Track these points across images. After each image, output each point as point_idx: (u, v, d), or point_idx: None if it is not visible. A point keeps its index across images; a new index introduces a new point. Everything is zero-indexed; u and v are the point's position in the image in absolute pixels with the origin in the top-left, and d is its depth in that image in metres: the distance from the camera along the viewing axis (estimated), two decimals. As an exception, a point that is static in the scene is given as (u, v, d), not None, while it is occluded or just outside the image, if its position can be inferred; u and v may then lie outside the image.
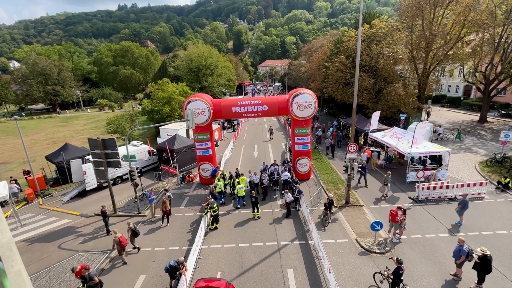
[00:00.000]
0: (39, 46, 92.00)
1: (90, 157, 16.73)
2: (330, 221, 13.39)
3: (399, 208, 11.64)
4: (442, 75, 40.24)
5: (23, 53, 78.38)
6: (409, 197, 15.38)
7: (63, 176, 20.53)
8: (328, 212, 13.21)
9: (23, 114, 58.88)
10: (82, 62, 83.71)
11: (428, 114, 33.35)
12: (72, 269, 9.39)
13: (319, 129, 29.22)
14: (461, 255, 9.05)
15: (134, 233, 11.91)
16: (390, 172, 15.73)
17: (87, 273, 8.96)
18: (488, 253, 8.59)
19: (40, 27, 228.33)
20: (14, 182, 19.29)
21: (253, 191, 14.54)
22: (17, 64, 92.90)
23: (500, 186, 15.85)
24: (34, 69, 59.48)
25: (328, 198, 13.43)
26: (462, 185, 14.92)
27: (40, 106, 68.55)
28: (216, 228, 13.47)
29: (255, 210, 14.25)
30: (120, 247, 11.12)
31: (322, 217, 13.58)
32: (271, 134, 31.83)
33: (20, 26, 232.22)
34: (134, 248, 12.07)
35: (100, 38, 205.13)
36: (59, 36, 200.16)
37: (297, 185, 15.14)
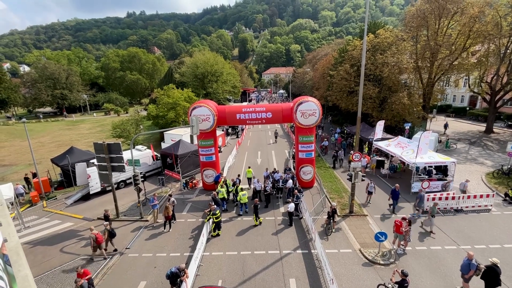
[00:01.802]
0: (49, 51, 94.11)
1: (95, 160, 16.89)
2: (333, 230, 13.23)
3: (403, 218, 11.47)
4: (447, 85, 40.12)
5: (34, 58, 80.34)
6: (414, 207, 15.15)
7: (68, 179, 20.70)
8: (331, 221, 13.07)
9: (41, 116, 60.11)
10: (90, 67, 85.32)
11: (445, 126, 31.81)
12: (77, 269, 9.46)
13: (325, 139, 28.23)
14: (470, 269, 8.85)
15: (111, 234, 12.32)
16: (437, 202, 13.32)
17: (80, 283, 8.95)
18: (498, 263, 8.41)
19: (50, 33, 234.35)
20: (25, 181, 19.89)
21: (256, 199, 14.50)
22: (27, 68, 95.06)
23: (507, 198, 15.57)
24: (43, 73, 60.79)
25: (331, 207, 13.31)
26: (469, 197, 14.70)
27: (47, 109, 69.72)
28: (218, 235, 13.39)
29: (257, 218, 14.22)
30: (96, 243, 11.56)
31: (325, 226, 13.44)
32: (276, 137, 33.78)
33: (31, 31, 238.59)
34: (105, 249, 12.36)
35: (109, 44, 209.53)
36: (69, 42, 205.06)
37: (295, 190, 15.26)
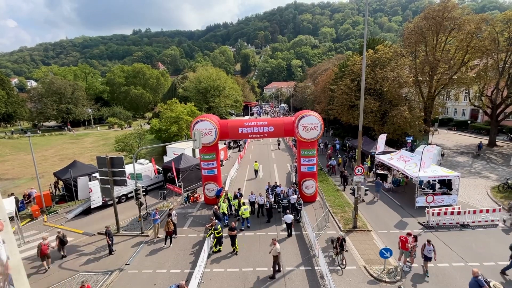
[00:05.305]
0: (56, 67, 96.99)
1: (97, 174, 16.92)
2: (345, 263, 11.52)
3: (409, 234, 11.24)
4: (447, 98, 40.42)
5: (41, 73, 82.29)
6: (419, 223, 14.88)
7: (70, 193, 20.65)
8: (341, 249, 11.35)
9: (66, 128, 61.96)
10: (95, 82, 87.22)
11: (480, 147, 28.32)
12: (82, 282, 9.62)
13: (332, 159, 25.60)
14: (480, 286, 8.54)
15: (62, 242, 13.15)
16: None
17: None
18: None
19: (58, 49, 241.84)
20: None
21: (233, 222, 13.26)
22: (34, 83, 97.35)
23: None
24: (50, 88, 62.17)
25: (338, 238, 11.50)
26: (474, 211, 14.43)
27: (52, 123, 70.80)
28: (219, 250, 13.14)
29: (234, 245, 12.96)
30: (41, 254, 12.11)
31: (333, 256, 11.94)
32: (279, 144, 36.73)
33: (40, 48, 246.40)
34: (63, 257, 13.23)
35: (114, 60, 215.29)
36: (76, 58, 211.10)
37: (285, 200, 15.76)
